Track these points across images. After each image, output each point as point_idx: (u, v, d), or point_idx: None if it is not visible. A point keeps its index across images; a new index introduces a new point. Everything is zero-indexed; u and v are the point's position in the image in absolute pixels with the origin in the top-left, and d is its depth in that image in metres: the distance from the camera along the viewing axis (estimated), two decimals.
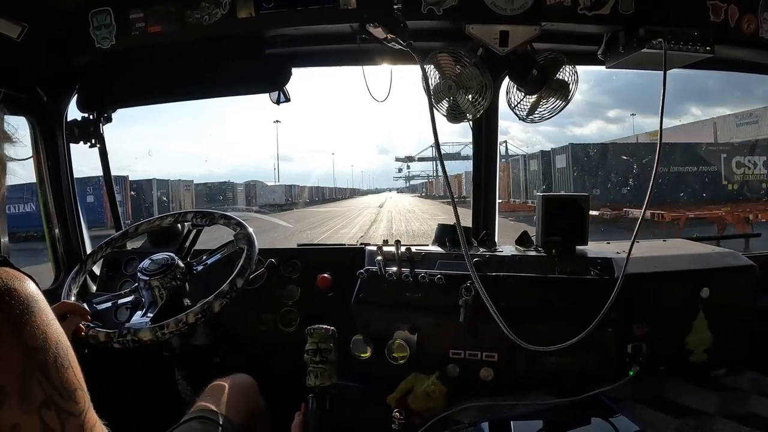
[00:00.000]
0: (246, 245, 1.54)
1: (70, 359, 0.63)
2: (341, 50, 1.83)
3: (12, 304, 0.59)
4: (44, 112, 1.86)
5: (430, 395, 1.35)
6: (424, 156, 59.81)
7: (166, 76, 1.89)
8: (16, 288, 0.60)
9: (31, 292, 0.62)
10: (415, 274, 1.47)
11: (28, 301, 0.61)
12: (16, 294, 0.60)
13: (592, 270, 1.52)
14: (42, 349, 0.60)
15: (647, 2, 1.55)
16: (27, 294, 0.61)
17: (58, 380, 0.61)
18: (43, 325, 0.61)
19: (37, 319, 0.61)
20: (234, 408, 1.30)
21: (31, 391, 0.58)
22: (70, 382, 0.62)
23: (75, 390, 0.63)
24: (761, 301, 1.55)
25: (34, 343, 0.60)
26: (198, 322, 1.37)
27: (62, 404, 0.61)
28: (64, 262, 1.99)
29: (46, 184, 1.94)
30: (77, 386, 0.63)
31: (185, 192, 21.78)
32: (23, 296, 0.61)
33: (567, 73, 1.66)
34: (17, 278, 0.62)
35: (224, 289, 1.40)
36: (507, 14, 1.55)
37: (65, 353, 0.63)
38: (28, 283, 0.63)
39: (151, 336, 1.33)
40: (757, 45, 1.72)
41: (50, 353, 0.61)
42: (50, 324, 0.62)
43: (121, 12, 1.66)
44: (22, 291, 0.61)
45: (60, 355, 0.62)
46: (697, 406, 1.30)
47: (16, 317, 0.59)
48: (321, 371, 1.21)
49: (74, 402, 0.62)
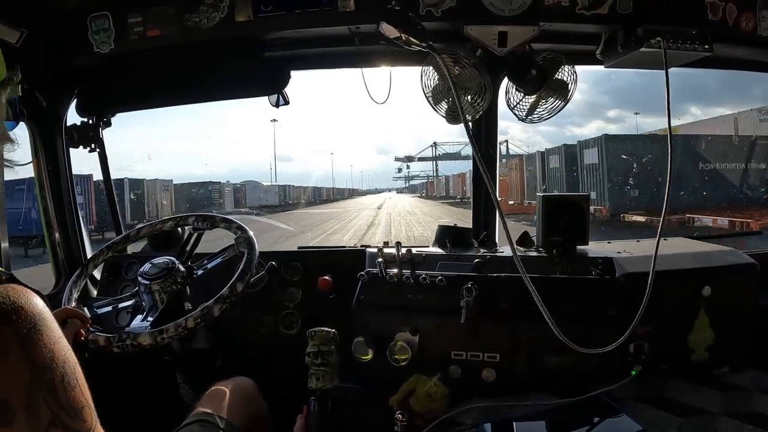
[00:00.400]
0: (246, 249, 1.53)
1: (77, 377, 0.63)
2: (340, 53, 1.83)
3: (20, 323, 0.59)
4: (43, 117, 1.86)
5: (432, 396, 1.35)
6: (424, 156, 59.53)
7: (165, 79, 1.90)
8: (23, 306, 0.60)
9: (38, 310, 0.62)
10: (416, 276, 1.47)
11: (35, 320, 0.60)
12: (23, 312, 0.60)
13: (593, 270, 1.52)
14: (49, 367, 0.60)
15: (645, 1, 1.56)
16: (34, 312, 0.61)
17: (65, 399, 0.61)
18: (50, 344, 0.61)
19: (45, 337, 0.61)
20: (235, 411, 1.30)
21: (38, 410, 0.58)
22: (78, 400, 0.62)
23: (82, 408, 0.62)
24: (763, 299, 1.55)
25: (42, 362, 0.59)
26: (197, 326, 1.36)
27: (69, 423, 0.60)
28: (65, 266, 1.98)
29: (46, 188, 1.94)
30: (84, 404, 0.63)
31: (163, 193, 20.61)
32: (31, 314, 0.60)
33: (566, 73, 1.66)
34: (24, 295, 0.62)
35: (224, 293, 1.40)
36: (505, 15, 1.56)
37: (72, 371, 0.63)
38: (35, 300, 0.63)
39: (151, 340, 1.33)
40: (756, 43, 1.72)
41: (57, 372, 0.61)
42: (58, 342, 0.62)
43: (119, 16, 1.66)
44: (29, 309, 0.60)
45: (67, 374, 0.62)
46: (700, 404, 1.30)
47: (24, 336, 0.59)
48: (322, 374, 1.22)
49: (81, 420, 0.62)
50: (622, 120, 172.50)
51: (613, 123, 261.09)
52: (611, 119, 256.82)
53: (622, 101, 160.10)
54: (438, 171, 61.08)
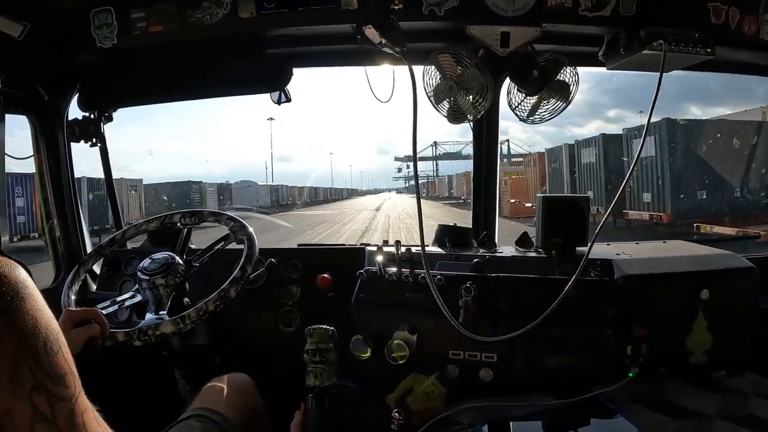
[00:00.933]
0: (245, 236, 1.57)
1: (60, 344, 0.63)
2: (342, 51, 1.83)
3: (2, 291, 0.59)
4: (45, 111, 1.86)
5: (429, 396, 1.35)
6: (424, 156, 57.87)
7: (167, 75, 1.90)
8: (6, 274, 0.60)
9: (21, 278, 0.62)
10: (415, 275, 1.47)
11: (18, 287, 0.60)
12: (6, 280, 0.60)
13: (592, 271, 1.52)
14: (32, 334, 0.60)
15: (648, 4, 1.56)
16: (17, 280, 0.61)
17: (49, 365, 0.61)
18: (33, 311, 0.61)
19: (27, 304, 0.61)
20: (231, 407, 1.31)
21: (21, 377, 0.58)
22: (61, 366, 0.62)
23: (65, 374, 0.62)
24: (761, 302, 1.55)
25: (25, 329, 0.59)
26: (217, 309, 1.41)
27: (53, 389, 0.60)
28: (65, 261, 1.99)
29: (46, 182, 1.95)
30: (67, 370, 0.63)
31: (131, 193, 19.08)
32: (13, 282, 0.60)
33: (568, 74, 1.66)
34: (7, 264, 0.61)
35: (236, 275, 1.45)
36: (508, 15, 1.56)
37: (55, 338, 0.63)
38: (18, 270, 0.62)
39: (174, 328, 1.37)
40: (758, 47, 1.72)
41: (40, 338, 0.61)
42: (41, 309, 0.62)
43: (122, 11, 1.66)
44: (12, 277, 0.60)
45: (50, 340, 0.62)
46: (697, 407, 1.30)
47: (7, 303, 0.59)
48: (320, 371, 1.22)
49: (65, 386, 0.62)
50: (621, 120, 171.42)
51: (613, 123, 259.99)
52: (611, 119, 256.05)
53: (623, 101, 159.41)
54: (438, 171, 60.93)
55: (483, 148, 1.88)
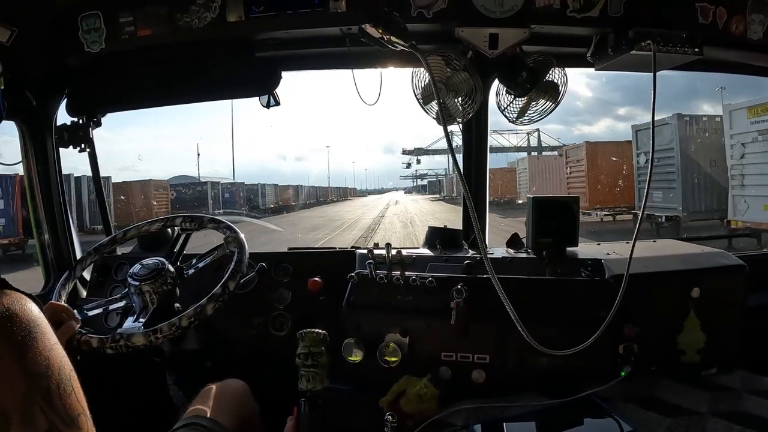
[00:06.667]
0: (237, 248, 1.53)
1: (72, 384, 0.63)
2: (331, 53, 1.83)
3: (14, 330, 0.58)
4: (33, 116, 1.85)
5: (422, 398, 1.34)
6: (438, 148, 50.90)
7: (156, 79, 1.89)
8: (18, 313, 0.59)
9: (33, 317, 0.61)
10: (407, 277, 1.47)
11: (31, 326, 0.60)
12: (18, 319, 0.59)
13: (582, 271, 1.52)
14: (45, 375, 0.60)
15: (636, 4, 1.57)
16: (29, 318, 0.60)
17: (61, 407, 0.60)
18: (45, 351, 0.60)
19: (40, 344, 0.60)
20: (227, 414, 1.29)
21: (34, 418, 0.58)
22: (74, 407, 0.62)
23: (78, 415, 0.62)
24: (751, 300, 1.56)
25: (37, 370, 0.59)
26: (191, 325, 1.36)
27: (65, 431, 0.60)
28: (54, 267, 1.97)
29: (35, 188, 1.93)
30: (80, 411, 0.63)
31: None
32: (25, 321, 0.60)
33: (556, 75, 1.67)
34: (19, 302, 0.61)
35: (216, 292, 1.39)
36: (497, 17, 1.56)
37: (68, 378, 0.62)
38: (30, 306, 0.62)
39: (144, 341, 1.32)
40: (746, 46, 1.74)
41: (53, 379, 0.60)
42: (53, 349, 0.62)
43: (110, 15, 1.65)
44: (24, 316, 0.60)
45: (63, 381, 0.61)
46: (689, 405, 1.30)
47: (19, 343, 0.58)
48: (313, 375, 1.21)
49: (77, 428, 0.62)
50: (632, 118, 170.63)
51: (623, 121, 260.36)
52: (621, 117, 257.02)
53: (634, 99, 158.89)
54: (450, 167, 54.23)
55: (472, 149, 1.88)
